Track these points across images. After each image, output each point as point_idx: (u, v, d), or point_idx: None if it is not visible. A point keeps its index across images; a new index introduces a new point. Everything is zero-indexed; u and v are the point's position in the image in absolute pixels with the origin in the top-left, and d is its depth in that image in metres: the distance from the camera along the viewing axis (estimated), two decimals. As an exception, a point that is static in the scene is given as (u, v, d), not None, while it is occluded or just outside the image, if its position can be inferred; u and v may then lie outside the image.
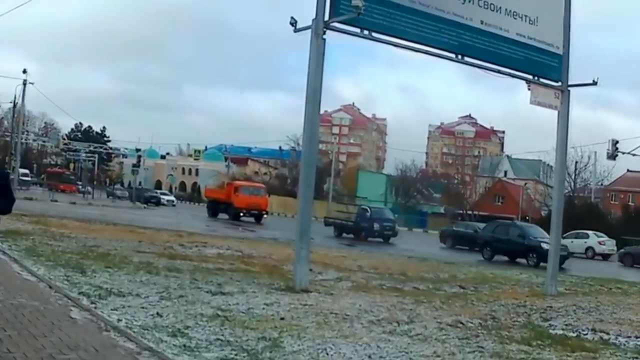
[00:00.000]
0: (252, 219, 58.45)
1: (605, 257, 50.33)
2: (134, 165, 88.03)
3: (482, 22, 17.85)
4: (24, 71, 68.31)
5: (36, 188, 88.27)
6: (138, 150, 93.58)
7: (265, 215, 60.09)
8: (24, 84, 68.46)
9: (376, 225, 46.49)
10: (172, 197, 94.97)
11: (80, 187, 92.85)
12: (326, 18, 15.33)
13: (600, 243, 51.78)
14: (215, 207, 62.08)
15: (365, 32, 15.93)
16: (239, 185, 63.07)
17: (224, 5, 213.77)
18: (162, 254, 20.36)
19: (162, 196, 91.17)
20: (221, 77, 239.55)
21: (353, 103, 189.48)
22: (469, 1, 17.55)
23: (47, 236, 22.48)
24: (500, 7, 18.21)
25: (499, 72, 18.67)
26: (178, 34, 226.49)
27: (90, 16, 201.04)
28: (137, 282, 13.86)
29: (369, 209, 49.62)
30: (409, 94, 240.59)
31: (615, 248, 51.07)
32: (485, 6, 17.88)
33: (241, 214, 58.11)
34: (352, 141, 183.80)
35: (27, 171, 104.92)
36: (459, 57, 17.81)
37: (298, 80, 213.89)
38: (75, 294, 11.76)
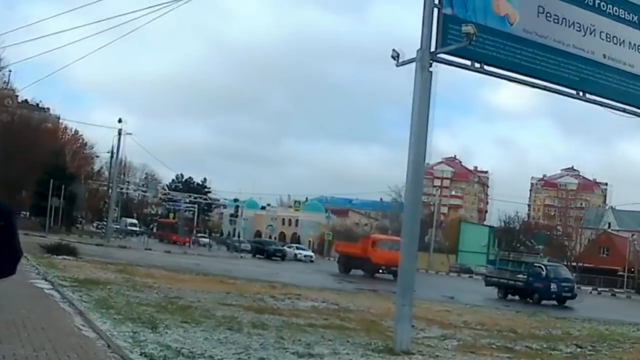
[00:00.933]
0: (390, 276, 50.73)
1: None
2: (231, 215, 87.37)
3: (604, 56, 16.45)
4: (119, 120, 70.74)
5: (141, 238, 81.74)
6: (236, 200, 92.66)
7: None
8: (119, 133, 70.58)
9: (553, 286, 40.64)
10: (309, 252, 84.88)
11: (194, 238, 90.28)
12: (432, 49, 14.33)
13: None
14: (348, 263, 58.08)
15: (477, 64, 14.86)
16: (378, 239, 58.79)
17: (319, 59, 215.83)
18: (249, 307, 19.11)
19: (297, 251, 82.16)
20: (318, 130, 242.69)
21: (455, 156, 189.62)
22: (591, 33, 16.19)
23: (126, 286, 21.36)
24: (623, 41, 16.72)
25: (623, 110, 17.11)
26: (275, 88, 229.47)
27: (189, 71, 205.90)
28: (213, 341, 12.29)
29: (544, 267, 43.37)
30: (507, 146, 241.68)
31: None
32: (608, 39, 16.48)
33: (380, 271, 53.83)
34: (453, 193, 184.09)
35: (135, 221, 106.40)
36: (580, 93, 16.45)
37: (395, 133, 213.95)
38: (135, 355, 10.18)
